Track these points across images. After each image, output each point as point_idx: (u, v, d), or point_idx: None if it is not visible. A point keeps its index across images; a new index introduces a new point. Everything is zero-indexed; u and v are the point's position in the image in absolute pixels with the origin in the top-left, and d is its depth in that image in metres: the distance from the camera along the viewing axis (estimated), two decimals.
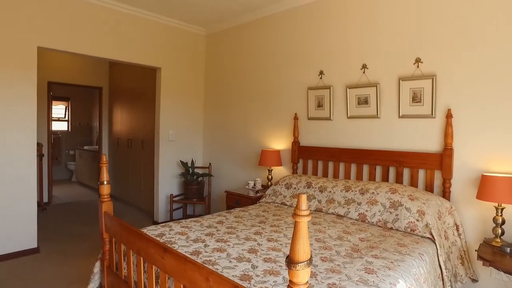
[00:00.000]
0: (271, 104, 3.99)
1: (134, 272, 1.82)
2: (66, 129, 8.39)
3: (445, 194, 2.56)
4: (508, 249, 2.10)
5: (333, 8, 3.35)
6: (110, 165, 6.13)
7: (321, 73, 3.45)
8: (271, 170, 3.77)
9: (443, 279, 2.06)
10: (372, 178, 3.02)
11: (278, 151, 3.73)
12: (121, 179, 5.90)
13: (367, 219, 2.47)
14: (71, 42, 3.61)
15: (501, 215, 2.22)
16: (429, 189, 2.67)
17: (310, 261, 0.94)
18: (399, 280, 1.58)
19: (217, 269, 1.60)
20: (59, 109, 8.19)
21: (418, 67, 2.75)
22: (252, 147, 4.22)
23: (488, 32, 2.41)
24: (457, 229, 2.43)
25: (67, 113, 8.34)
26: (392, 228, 2.33)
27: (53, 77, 5.66)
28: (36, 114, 3.39)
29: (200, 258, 1.74)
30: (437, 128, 2.66)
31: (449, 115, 2.55)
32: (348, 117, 3.22)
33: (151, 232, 2.12)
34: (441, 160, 2.59)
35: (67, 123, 8.39)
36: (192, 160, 4.59)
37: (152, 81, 4.69)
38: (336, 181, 2.95)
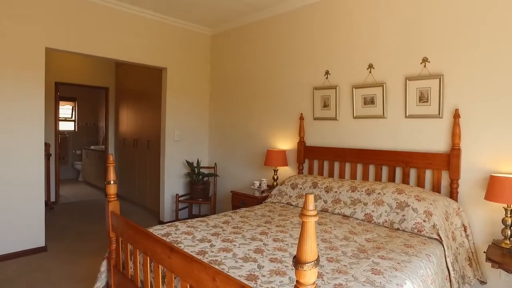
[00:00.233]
0: (276, 104, 3.99)
1: (141, 271, 1.83)
2: (73, 129, 8.47)
3: (453, 195, 2.54)
4: None
5: (339, 7, 3.34)
6: (116, 165, 6.16)
7: (327, 73, 3.44)
8: (277, 170, 3.76)
9: (450, 281, 2.04)
10: (378, 179, 3.00)
11: (284, 151, 3.73)
12: (127, 178, 5.93)
13: (373, 219, 2.46)
14: (78, 43, 3.65)
15: (510, 216, 2.19)
16: (436, 189, 2.65)
17: (317, 261, 0.94)
18: (406, 281, 1.57)
19: (223, 269, 1.61)
20: (66, 109, 8.26)
21: (425, 66, 2.73)
22: (258, 147, 4.22)
23: (496, 31, 2.38)
24: (465, 230, 2.41)
25: (74, 113, 8.42)
26: (398, 229, 2.32)
27: (60, 77, 5.72)
28: (44, 114, 3.43)
29: (206, 258, 1.74)
30: (444, 128, 2.64)
31: (456, 115, 2.52)
32: (354, 117, 3.21)
33: (157, 232, 2.13)
34: (448, 160, 2.57)
35: (73, 123, 8.46)
36: (197, 160, 4.61)
37: (158, 81, 4.71)
38: (342, 181, 2.94)
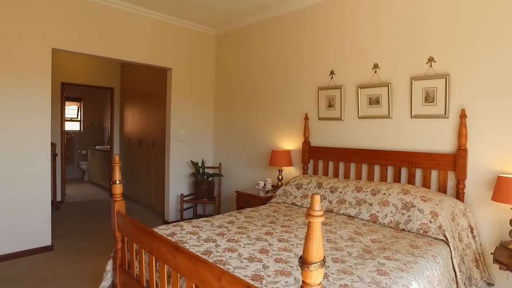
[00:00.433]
0: (281, 104, 3.98)
1: (146, 271, 1.84)
2: (79, 129, 8.52)
3: (459, 196, 2.52)
4: None
5: (344, 7, 3.33)
6: (121, 164, 6.19)
7: (332, 73, 3.43)
8: (282, 170, 3.76)
9: (457, 282, 2.03)
10: (383, 179, 2.99)
11: (289, 151, 3.72)
12: (132, 178, 5.96)
13: (378, 220, 2.45)
14: (84, 43, 3.67)
15: None
16: (442, 190, 2.63)
17: (324, 262, 0.94)
18: (412, 282, 1.56)
19: (228, 269, 1.61)
20: (71, 109, 8.32)
21: (431, 66, 2.71)
22: (262, 147, 4.22)
23: (503, 30, 2.36)
24: (472, 231, 2.39)
25: (79, 113, 8.47)
26: (404, 230, 2.31)
27: (66, 78, 5.76)
28: (50, 114, 3.46)
29: (211, 258, 1.75)
30: (451, 128, 2.62)
31: (463, 115, 2.50)
32: (359, 117, 3.20)
33: (162, 232, 2.13)
34: (454, 160, 2.55)
35: (79, 123, 8.52)
36: (202, 160, 4.61)
37: (163, 81, 4.73)
38: (347, 181, 2.93)
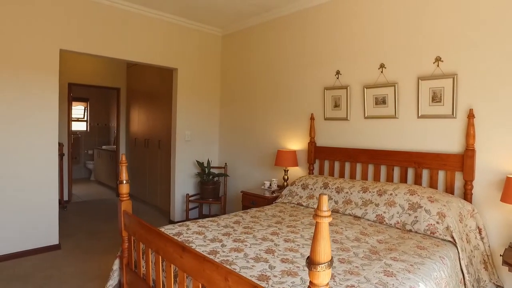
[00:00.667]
0: (287, 105, 3.98)
1: (153, 270, 1.84)
2: (85, 129, 8.59)
3: (467, 196, 2.49)
4: None
5: (350, 7, 3.31)
6: (127, 164, 6.23)
7: (337, 73, 3.42)
8: (287, 170, 3.76)
9: (465, 284, 2.01)
10: (390, 179, 2.97)
11: (294, 152, 3.72)
12: (137, 178, 5.99)
13: (385, 220, 2.44)
14: (92, 44, 3.70)
15: None
16: (449, 191, 2.61)
17: (331, 262, 0.93)
18: (420, 283, 1.55)
19: (234, 269, 1.61)
20: (78, 109, 8.38)
21: (438, 66, 2.69)
22: (268, 147, 4.21)
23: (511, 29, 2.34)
24: (480, 232, 2.37)
25: (86, 113, 8.54)
26: (411, 230, 2.29)
27: (73, 78, 5.80)
28: (58, 115, 3.49)
29: (218, 258, 1.75)
30: (458, 128, 2.60)
31: (471, 115, 2.48)
32: (366, 117, 3.18)
33: (168, 231, 2.14)
34: (462, 161, 2.53)
35: (86, 123, 8.59)
36: (208, 160, 4.63)
37: (169, 81, 4.75)
38: (353, 182, 2.92)
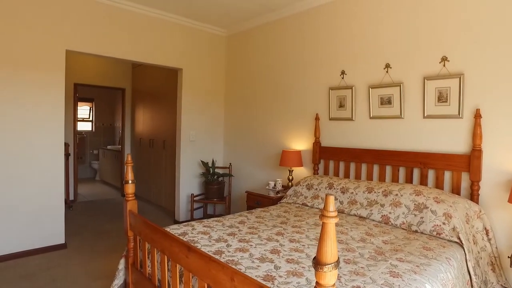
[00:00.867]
0: (292, 105, 3.97)
1: (158, 270, 1.85)
2: (90, 129, 8.65)
3: (473, 197, 2.47)
4: None
5: (355, 6, 3.30)
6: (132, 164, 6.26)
7: (342, 73, 3.41)
8: (292, 170, 3.75)
9: (472, 286, 1.99)
10: (395, 180, 2.95)
11: (299, 152, 3.71)
12: (142, 178, 6.02)
13: (390, 221, 2.42)
14: (97, 45, 3.72)
15: None
16: (455, 191, 2.59)
17: (338, 263, 0.93)
18: (426, 285, 1.54)
19: (240, 269, 1.61)
20: (84, 109, 8.44)
21: (444, 65, 2.67)
22: (273, 147, 4.21)
23: None
24: (487, 233, 2.35)
25: (91, 113, 8.60)
26: (417, 231, 2.28)
27: (79, 79, 5.84)
28: (64, 115, 3.52)
29: (223, 258, 1.75)
30: (465, 128, 2.58)
31: (477, 115, 2.46)
32: (371, 118, 3.17)
33: (174, 231, 2.15)
34: (468, 161, 2.51)
35: (91, 123, 8.65)
36: (212, 160, 4.63)
37: (174, 82, 4.77)
38: (358, 182, 2.91)
